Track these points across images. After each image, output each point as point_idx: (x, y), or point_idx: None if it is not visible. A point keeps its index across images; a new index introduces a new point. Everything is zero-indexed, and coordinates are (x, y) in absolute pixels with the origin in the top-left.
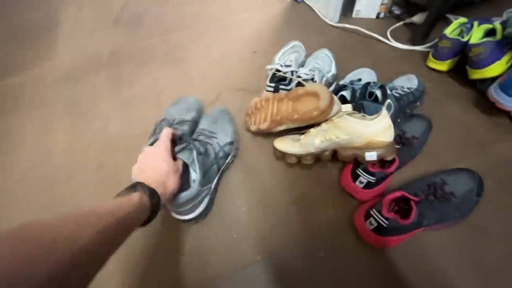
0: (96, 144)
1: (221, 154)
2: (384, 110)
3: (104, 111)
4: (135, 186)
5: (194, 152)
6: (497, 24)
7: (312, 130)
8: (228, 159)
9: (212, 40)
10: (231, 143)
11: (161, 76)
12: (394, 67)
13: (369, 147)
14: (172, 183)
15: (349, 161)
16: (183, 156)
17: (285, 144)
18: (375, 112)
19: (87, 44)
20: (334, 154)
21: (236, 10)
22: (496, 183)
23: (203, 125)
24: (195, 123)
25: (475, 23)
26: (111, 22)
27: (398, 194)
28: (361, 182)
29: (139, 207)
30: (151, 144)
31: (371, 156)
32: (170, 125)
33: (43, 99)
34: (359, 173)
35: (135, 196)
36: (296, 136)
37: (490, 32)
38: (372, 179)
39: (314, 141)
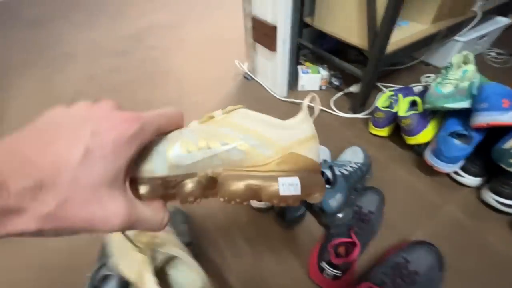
0: (31, 266)
1: None
2: (304, 108)
3: None
4: None
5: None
6: (417, 98)
7: (174, 132)
8: None
9: None
10: (190, 243)
11: None
12: (341, 135)
13: (281, 167)
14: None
15: (240, 202)
16: None
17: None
18: (327, 196)
19: None
20: (209, 187)
21: (189, 92)
22: (454, 248)
23: None
24: None
25: (400, 96)
26: None
27: (364, 286)
28: (328, 275)
29: None
30: (96, 273)
31: (288, 185)
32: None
33: None
34: (324, 266)
35: None
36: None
37: (414, 102)
38: (337, 272)
39: (167, 151)
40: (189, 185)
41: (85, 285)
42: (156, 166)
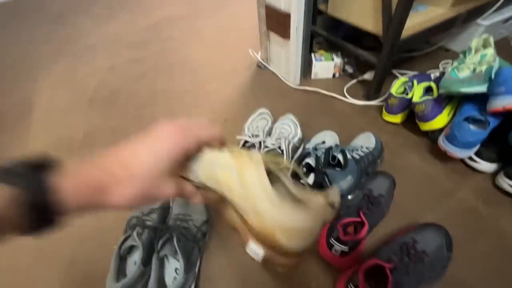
0: (66, 239)
1: (199, 235)
2: (315, 202)
3: None
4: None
5: (175, 240)
6: (433, 84)
7: (208, 153)
8: (206, 238)
9: (184, 112)
10: (207, 221)
11: None
12: (354, 122)
13: (260, 237)
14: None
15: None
16: (165, 251)
17: None
18: (338, 178)
19: (60, 129)
20: (221, 201)
21: (205, 81)
22: (464, 233)
23: (176, 210)
24: (165, 208)
25: (415, 81)
26: (86, 103)
27: (371, 262)
28: (336, 251)
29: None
30: (121, 244)
31: (254, 251)
32: (139, 219)
33: None
34: (332, 242)
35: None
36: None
37: (429, 89)
38: (344, 248)
39: (196, 170)
40: (211, 195)
41: (113, 255)
42: (192, 176)
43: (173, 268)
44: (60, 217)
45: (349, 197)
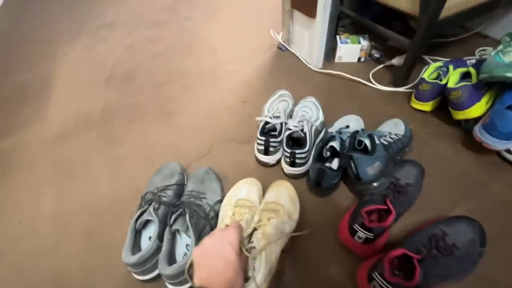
0: (84, 210)
1: (212, 214)
2: None
3: (94, 172)
4: None
5: (187, 216)
6: (471, 69)
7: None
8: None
9: (201, 92)
10: (220, 201)
11: (152, 132)
12: (379, 109)
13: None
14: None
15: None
16: (177, 225)
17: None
18: (365, 164)
19: (79, 103)
20: None
21: (223, 62)
22: (498, 227)
23: (190, 186)
24: (180, 186)
25: (451, 66)
26: (104, 80)
27: (399, 252)
28: (359, 238)
29: None
30: (138, 218)
31: None
32: (154, 194)
33: (32, 163)
34: (356, 228)
35: None
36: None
37: (466, 74)
38: (370, 235)
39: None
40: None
41: (129, 229)
42: None
43: (185, 243)
44: None
45: (375, 184)
